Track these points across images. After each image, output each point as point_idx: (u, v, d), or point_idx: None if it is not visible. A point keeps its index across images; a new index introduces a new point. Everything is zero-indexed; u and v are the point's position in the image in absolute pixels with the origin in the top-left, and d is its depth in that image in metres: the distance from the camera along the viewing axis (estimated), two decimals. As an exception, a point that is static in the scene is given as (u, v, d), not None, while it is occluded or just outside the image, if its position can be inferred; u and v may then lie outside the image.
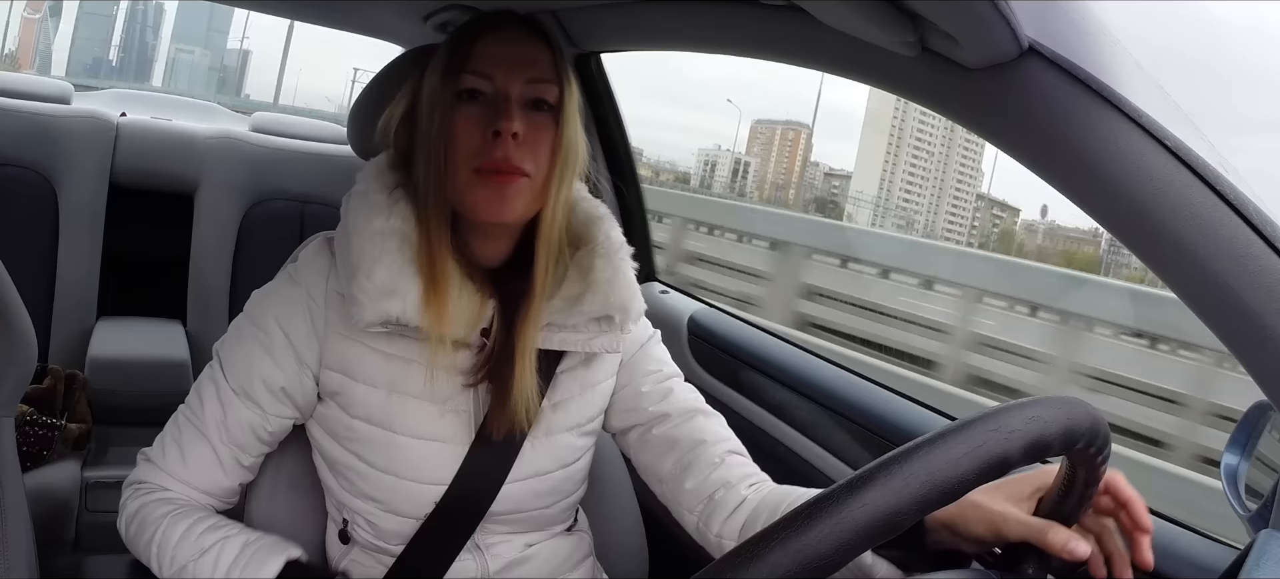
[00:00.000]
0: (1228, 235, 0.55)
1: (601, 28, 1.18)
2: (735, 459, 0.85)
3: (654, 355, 0.90)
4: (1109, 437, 0.55)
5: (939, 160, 55.23)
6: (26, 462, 1.40)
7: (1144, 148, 0.57)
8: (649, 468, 0.88)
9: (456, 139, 0.75)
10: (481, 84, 0.76)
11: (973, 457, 0.47)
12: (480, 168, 0.74)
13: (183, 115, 2.12)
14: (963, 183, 55.24)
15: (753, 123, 65.33)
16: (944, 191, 54.43)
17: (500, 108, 0.75)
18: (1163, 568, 0.77)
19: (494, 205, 0.75)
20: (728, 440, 0.87)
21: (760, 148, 64.76)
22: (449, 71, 0.76)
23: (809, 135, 64.75)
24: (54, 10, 61.66)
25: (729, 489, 0.82)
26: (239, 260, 1.83)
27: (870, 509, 0.44)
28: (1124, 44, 0.63)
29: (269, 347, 0.79)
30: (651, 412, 0.87)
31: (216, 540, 0.77)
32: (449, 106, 0.76)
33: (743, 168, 56.53)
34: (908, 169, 55.83)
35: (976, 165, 55.13)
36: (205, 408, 0.81)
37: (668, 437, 0.86)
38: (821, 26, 0.73)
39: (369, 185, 0.79)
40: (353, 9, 1.47)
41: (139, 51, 70.88)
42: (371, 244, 0.75)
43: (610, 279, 0.81)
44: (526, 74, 0.76)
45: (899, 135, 56.47)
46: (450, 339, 0.76)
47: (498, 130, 0.74)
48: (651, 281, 1.63)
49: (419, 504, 0.79)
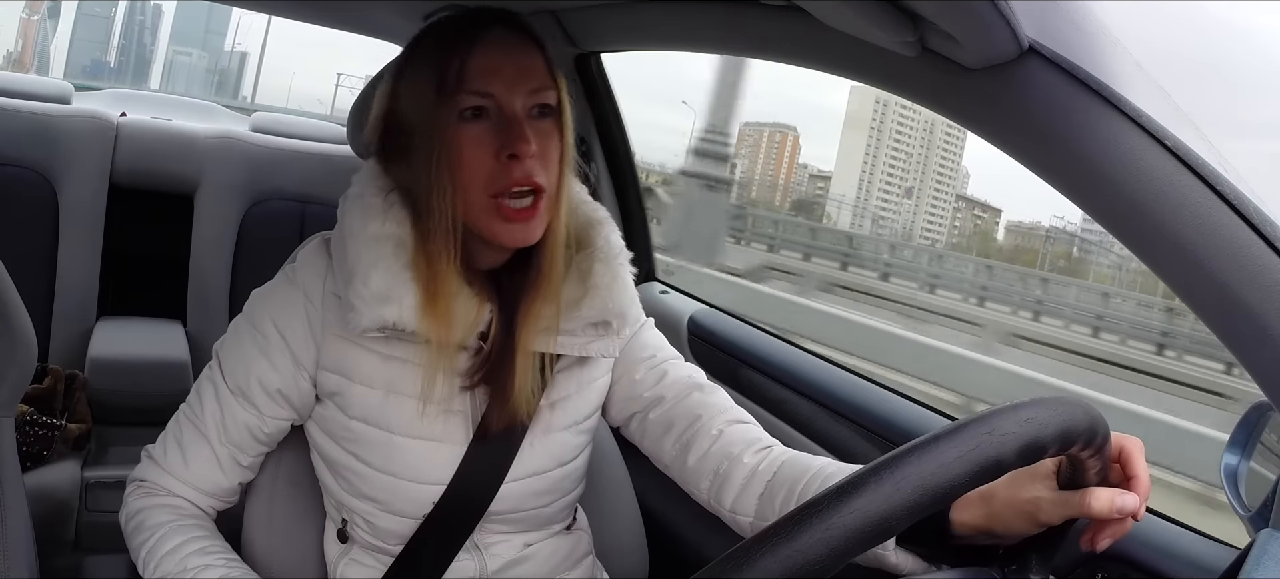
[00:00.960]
0: (1228, 235, 0.55)
1: (601, 28, 1.18)
2: (736, 429, 0.83)
3: (646, 342, 0.89)
4: (1108, 434, 0.54)
5: (918, 162, 55.90)
6: (26, 462, 1.40)
7: (1144, 148, 0.57)
8: (653, 452, 0.87)
9: (465, 163, 0.73)
10: (483, 101, 0.73)
11: (965, 460, 0.46)
12: (500, 195, 0.73)
13: (182, 115, 2.12)
14: (941, 184, 56.00)
15: (741, 125, 66.10)
16: (923, 194, 55.24)
17: (512, 129, 0.73)
18: (1163, 568, 0.77)
19: (517, 234, 0.74)
20: (727, 411, 0.84)
21: (748, 150, 65.34)
22: (444, 88, 0.73)
23: (796, 137, 65.31)
24: (52, 11, 61.75)
25: (733, 461, 0.80)
26: (239, 260, 1.83)
27: (861, 515, 0.44)
28: (1124, 44, 0.63)
29: (266, 348, 0.79)
30: (647, 396, 0.86)
31: (198, 567, 0.77)
32: (449, 126, 0.73)
33: (728, 169, 57.42)
34: (886, 171, 56.54)
35: (955, 167, 55.92)
36: (204, 408, 0.81)
37: (665, 418, 0.85)
38: (821, 26, 0.73)
39: (364, 188, 0.79)
40: (352, 9, 1.47)
41: (137, 53, 71.02)
42: (367, 249, 0.75)
43: (609, 285, 0.81)
44: (528, 85, 0.74)
45: (878, 136, 57.28)
46: (449, 344, 0.76)
47: (514, 153, 0.72)
48: (651, 282, 1.63)
49: (417, 504, 0.79)
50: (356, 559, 0.83)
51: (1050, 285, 16.75)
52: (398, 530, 0.81)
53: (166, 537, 0.79)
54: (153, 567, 0.78)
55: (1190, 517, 0.80)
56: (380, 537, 0.81)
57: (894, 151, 56.92)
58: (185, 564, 0.77)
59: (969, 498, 0.63)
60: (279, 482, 0.87)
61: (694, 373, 0.88)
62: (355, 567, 0.83)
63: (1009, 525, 0.61)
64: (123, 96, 2.42)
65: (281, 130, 2.00)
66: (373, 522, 0.81)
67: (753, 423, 0.85)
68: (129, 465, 0.84)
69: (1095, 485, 0.57)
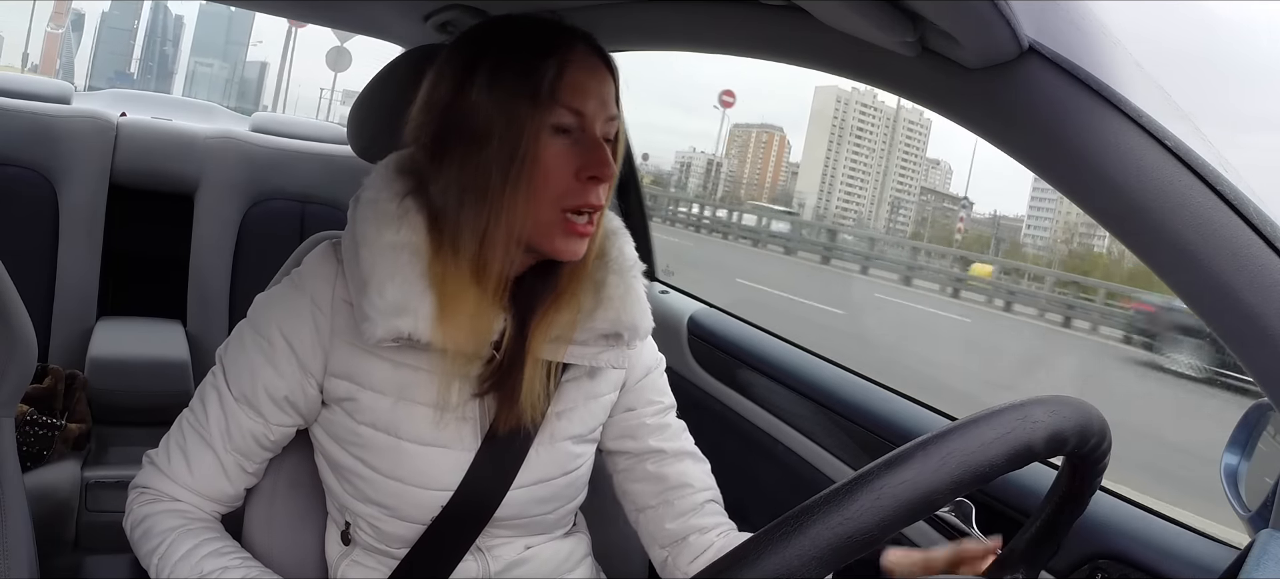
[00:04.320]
0: (1228, 235, 0.55)
1: (601, 28, 1.17)
2: (713, 506, 0.90)
3: (659, 386, 0.92)
4: (1110, 445, 0.56)
5: (880, 156, 57.70)
6: (26, 462, 1.40)
7: (1144, 148, 0.57)
8: (632, 496, 0.91)
9: (547, 176, 0.72)
10: (573, 120, 0.73)
11: (1003, 441, 0.48)
12: (567, 210, 0.73)
13: (183, 115, 2.12)
14: (905, 177, 57.66)
15: (731, 127, 68.46)
16: (884, 192, 56.89)
17: (597, 153, 0.73)
18: (1163, 568, 0.77)
19: (575, 248, 0.75)
20: (710, 490, 0.91)
21: (737, 150, 67.17)
22: (538, 97, 0.72)
23: (782, 137, 66.70)
24: (76, 24, 62.08)
25: (702, 534, 0.87)
26: (239, 260, 1.84)
27: (909, 485, 0.45)
28: (1124, 44, 0.63)
29: (272, 356, 0.78)
30: (649, 444, 0.89)
31: (216, 569, 0.76)
32: (540, 136, 0.72)
33: (715, 169, 59.21)
34: (848, 166, 58.20)
35: (917, 161, 57.59)
36: (209, 415, 0.80)
37: (658, 473, 0.89)
38: (821, 26, 0.73)
39: (378, 193, 0.77)
40: (353, 9, 1.47)
41: (159, 64, 71.52)
42: (382, 258, 0.74)
43: (622, 296, 0.81)
44: (607, 111, 0.75)
45: (840, 132, 59.06)
46: (466, 354, 0.75)
47: (595, 176, 0.73)
48: (651, 282, 1.63)
49: (424, 510, 0.79)
50: (358, 561, 0.83)
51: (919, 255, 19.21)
52: (403, 535, 0.80)
53: (178, 542, 0.78)
54: (166, 572, 0.77)
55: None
56: (385, 541, 0.81)
57: (856, 149, 58.93)
58: (202, 568, 0.76)
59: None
60: (280, 483, 0.87)
61: (687, 436, 0.92)
62: (357, 568, 0.83)
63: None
64: (123, 96, 2.42)
65: (281, 130, 2.00)
66: (378, 526, 0.80)
67: (721, 505, 0.92)
68: (129, 466, 0.84)
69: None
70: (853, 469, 0.49)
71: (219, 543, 0.80)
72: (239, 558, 0.79)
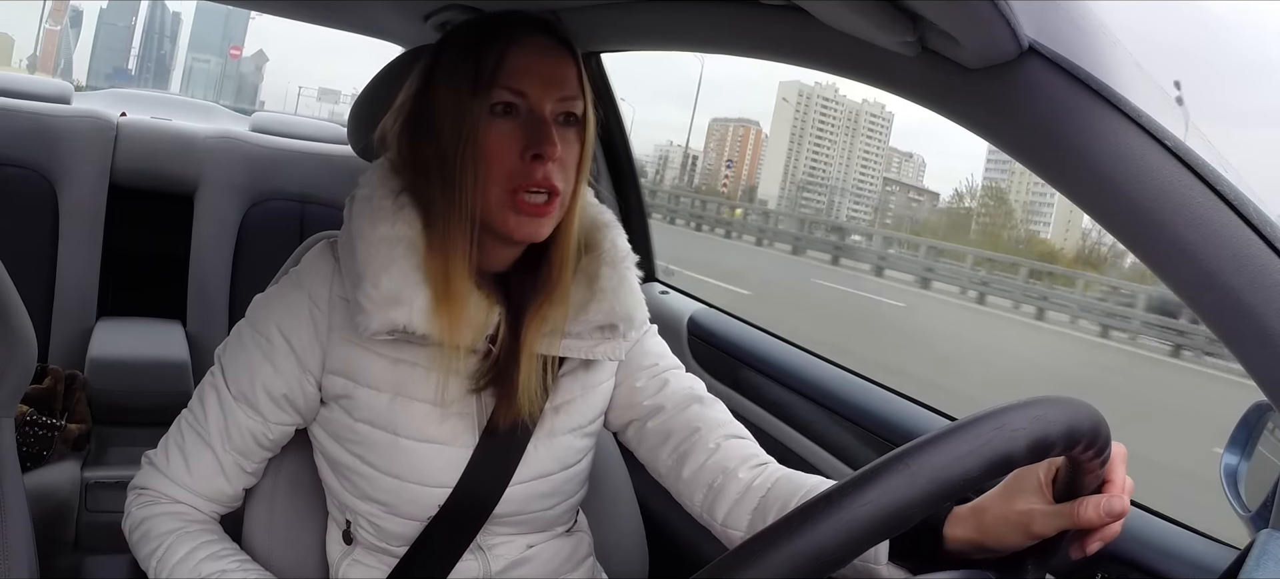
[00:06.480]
0: (1228, 235, 0.55)
1: (601, 28, 1.18)
2: (733, 444, 0.83)
3: (649, 349, 0.89)
4: (1109, 438, 0.54)
5: (843, 148, 59.66)
6: (26, 462, 1.40)
7: (1144, 148, 0.57)
8: (649, 460, 0.88)
9: (490, 157, 0.74)
10: (516, 100, 0.74)
11: (978, 454, 0.47)
12: (517, 190, 0.74)
13: (182, 115, 2.12)
14: (867, 169, 59.28)
15: (709, 120, 71.10)
16: (847, 184, 58.24)
17: (539, 130, 0.73)
18: (1163, 568, 0.77)
19: (528, 228, 0.75)
20: (725, 425, 0.85)
21: (716, 143, 68.07)
22: (479, 83, 0.74)
23: (758, 131, 67.62)
24: (74, 20, 62.26)
25: (728, 475, 0.80)
26: (239, 260, 1.83)
27: (876, 506, 0.44)
28: (1124, 44, 0.63)
29: (271, 354, 0.79)
30: (647, 405, 0.86)
31: (215, 572, 0.77)
32: (479, 121, 0.74)
33: (691, 162, 60.31)
34: (810, 157, 59.76)
35: (880, 151, 59.79)
36: (207, 415, 0.81)
37: (663, 428, 0.85)
38: (821, 26, 0.73)
39: (373, 190, 0.78)
40: (352, 9, 1.47)
41: (157, 60, 71.87)
42: (377, 251, 0.75)
43: (615, 288, 0.81)
44: (559, 91, 0.75)
45: (803, 123, 60.35)
46: (459, 346, 0.75)
47: (539, 154, 0.73)
48: (652, 282, 1.63)
49: (423, 507, 0.79)
50: (359, 560, 0.83)
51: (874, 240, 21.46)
52: (403, 533, 0.81)
53: (176, 544, 0.78)
54: (165, 575, 0.77)
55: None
56: (385, 539, 0.81)
57: (817, 141, 60.06)
58: (200, 571, 0.77)
59: (960, 513, 0.64)
60: (279, 483, 0.87)
61: (695, 384, 0.88)
62: (358, 567, 0.83)
63: (1001, 539, 0.62)
64: (122, 96, 2.42)
65: (281, 130, 2.00)
66: (378, 524, 0.81)
67: (749, 438, 0.85)
68: (129, 466, 0.84)
69: (1090, 494, 0.57)
70: (852, 469, 0.48)
71: (217, 545, 0.80)
72: (237, 560, 0.79)
